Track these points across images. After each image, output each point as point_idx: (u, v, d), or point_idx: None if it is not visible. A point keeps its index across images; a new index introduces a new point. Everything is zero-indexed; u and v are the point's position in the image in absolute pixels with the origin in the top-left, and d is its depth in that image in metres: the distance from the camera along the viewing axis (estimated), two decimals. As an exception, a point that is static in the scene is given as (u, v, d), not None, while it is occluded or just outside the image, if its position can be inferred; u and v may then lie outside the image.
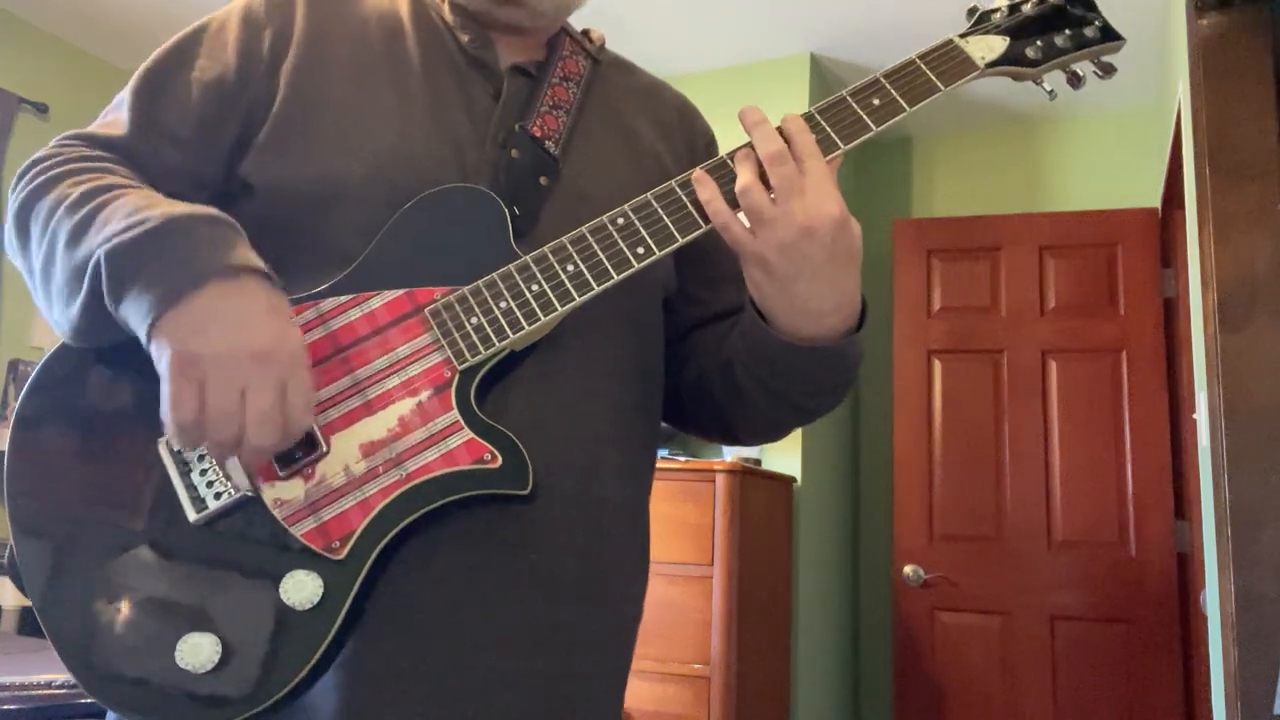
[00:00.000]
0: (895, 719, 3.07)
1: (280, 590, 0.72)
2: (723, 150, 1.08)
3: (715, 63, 3.27)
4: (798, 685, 2.90)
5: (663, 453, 2.64)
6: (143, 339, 0.70)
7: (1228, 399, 1.77)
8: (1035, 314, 3.16)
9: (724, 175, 0.81)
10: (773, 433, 0.98)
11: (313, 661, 0.71)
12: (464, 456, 0.76)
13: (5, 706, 1.63)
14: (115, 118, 0.87)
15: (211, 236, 0.72)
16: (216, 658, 0.70)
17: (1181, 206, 2.55)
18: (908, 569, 3.09)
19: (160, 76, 0.87)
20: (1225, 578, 1.74)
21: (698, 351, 0.96)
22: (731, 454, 2.73)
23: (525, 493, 0.76)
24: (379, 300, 0.80)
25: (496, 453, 0.76)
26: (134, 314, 0.70)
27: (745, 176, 0.79)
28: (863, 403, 3.61)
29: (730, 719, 2.34)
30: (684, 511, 2.46)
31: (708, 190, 0.80)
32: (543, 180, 0.87)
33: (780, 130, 0.80)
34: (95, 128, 0.87)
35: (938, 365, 3.23)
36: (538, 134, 0.89)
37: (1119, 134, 3.40)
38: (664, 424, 1.01)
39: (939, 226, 3.33)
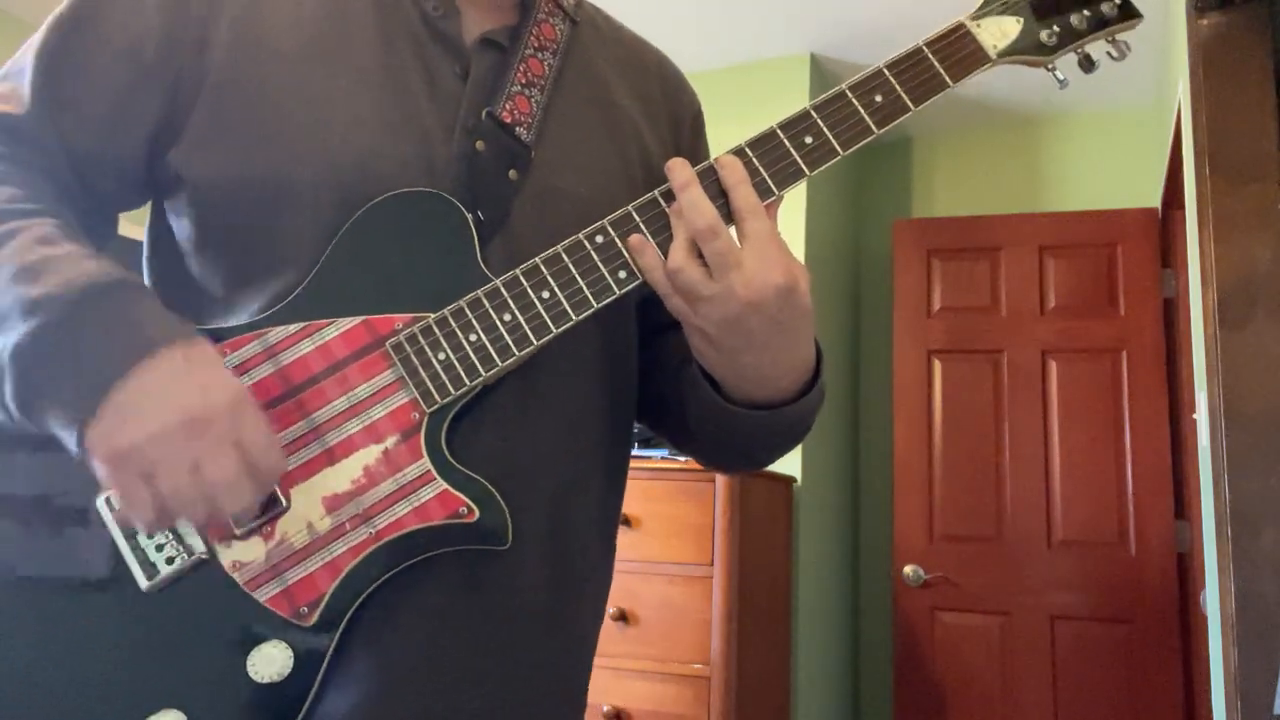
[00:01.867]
0: (895, 719, 3.07)
1: (249, 666, 0.66)
2: (714, 143, 1.02)
3: (715, 63, 3.27)
4: (798, 685, 2.90)
5: (662, 453, 2.64)
6: (73, 452, 0.63)
7: (1228, 399, 1.77)
8: (1035, 314, 3.16)
9: (660, 217, 0.74)
10: (724, 470, 0.92)
11: None
12: (438, 511, 0.69)
13: None
14: (15, 89, 0.74)
15: (109, 319, 0.64)
16: None
17: (1181, 206, 2.55)
18: (908, 569, 3.09)
19: (67, 39, 0.75)
20: (1225, 578, 1.74)
21: (656, 369, 0.90)
22: (731, 454, 2.73)
23: (504, 547, 0.70)
24: (333, 330, 0.71)
25: (473, 505, 0.69)
26: (56, 429, 0.63)
27: (678, 254, 0.71)
28: (863, 403, 3.61)
29: (730, 719, 2.34)
30: (684, 511, 2.46)
31: (648, 258, 0.73)
32: (512, 174, 0.77)
33: (718, 176, 0.73)
34: None
35: (938, 365, 3.23)
36: (507, 119, 0.78)
37: (1119, 134, 3.40)
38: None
39: (939, 226, 3.33)
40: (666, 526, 2.46)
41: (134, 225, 0.89)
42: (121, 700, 0.66)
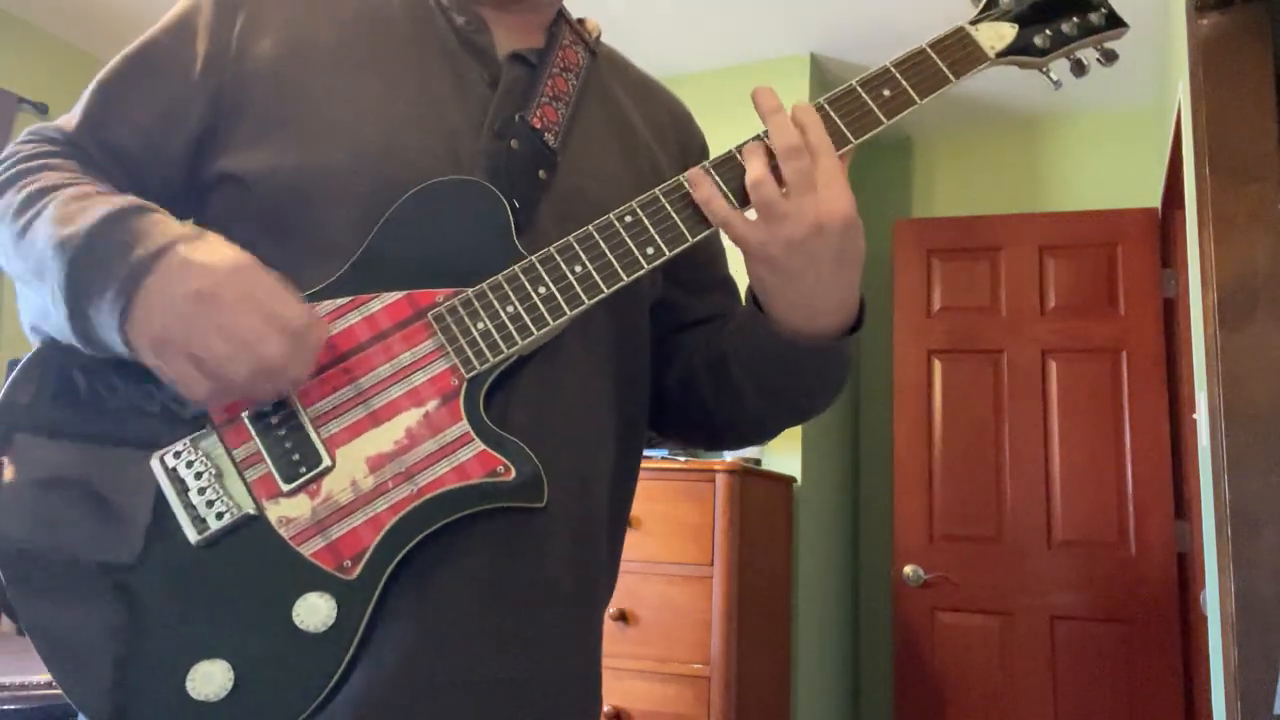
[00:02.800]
0: (895, 719, 3.07)
1: (294, 614, 0.69)
2: (715, 152, 1.07)
3: (715, 63, 3.27)
4: (798, 685, 2.90)
5: (662, 453, 2.64)
6: (129, 356, 0.70)
7: (1228, 399, 1.77)
8: (1035, 314, 3.16)
9: (729, 170, 0.79)
10: (763, 434, 0.96)
11: (331, 684, 0.69)
12: (476, 469, 0.73)
13: (5, 707, 1.63)
14: (73, 111, 0.86)
15: (120, 241, 0.70)
16: (230, 686, 0.68)
17: (1181, 206, 2.55)
18: (908, 569, 3.09)
19: (125, 67, 0.85)
20: (1225, 578, 1.74)
21: (681, 354, 0.94)
22: (731, 454, 2.73)
23: (541, 505, 0.73)
24: (378, 303, 0.76)
25: (510, 465, 0.73)
26: (112, 344, 0.70)
27: (757, 169, 0.76)
28: (863, 403, 3.61)
29: (730, 719, 2.34)
30: (684, 511, 2.46)
31: (704, 190, 0.78)
32: (541, 174, 0.83)
33: (791, 120, 0.78)
34: (56, 121, 0.86)
35: (938, 365, 3.23)
36: (537, 125, 0.85)
37: (1119, 134, 3.40)
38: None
39: (939, 226, 3.33)
40: (666, 526, 2.46)
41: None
42: (168, 650, 0.69)
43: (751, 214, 0.78)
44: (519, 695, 0.77)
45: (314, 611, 0.69)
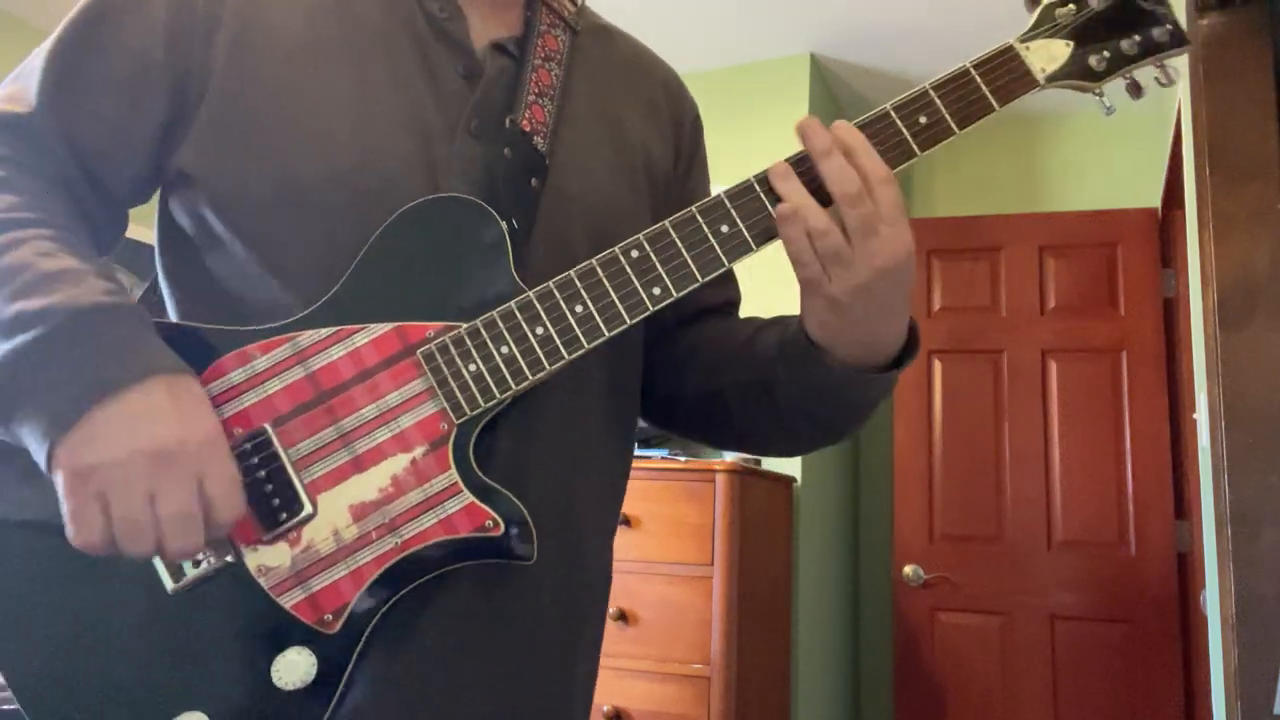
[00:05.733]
0: (895, 719, 3.07)
1: (272, 672, 0.67)
2: (720, 157, 1.03)
3: (715, 63, 3.27)
4: (798, 685, 2.89)
5: (662, 453, 2.63)
6: (41, 465, 0.63)
7: (1228, 399, 1.77)
8: (1035, 314, 3.16)
9: (751, 204, 0.73)
10: (799, 450, 0.92)
11: None
12: (464, 523, 0.70)
13: (5, 707, 1.63)
14: (23, 89, 0.74)
15: (107, 342, 0.64)
16: None
17: (1181, 206, 2.55)
18: (908, 569, 3.09)
19: (77, 41, 0.75)
20: (1225, 578, 1.74)
21: (700, 361, 0.89)
22: (731, 454, 2.73)
23: (529, 561, 0.71)
24: (365, 336, 0.71)
25: (499, 519, 0.70)
26: (29, 440, 0.64)
27: (822, 218, 0.71)
28: (863, 403, 3.61)
29: (730, 719, 2.34)
30: (684, 511, 2.46)
31: (795, 228, 0.71)
32: (533, 183, 0.78)
33: (843, 150, 0.72)
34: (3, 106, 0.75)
35: (938, 365, 3.23)
36: (527, 128, 0.78)
37: (1119, 134, 3.40)
38: (656, 427, 0.96)
39: (939, 226, 3.33)
40: (666, 526, 2.46)
41: (140, 226, 0.89)
42: (146, 701, 0.67)
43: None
44: None
45: (293, 668, 0.67)
